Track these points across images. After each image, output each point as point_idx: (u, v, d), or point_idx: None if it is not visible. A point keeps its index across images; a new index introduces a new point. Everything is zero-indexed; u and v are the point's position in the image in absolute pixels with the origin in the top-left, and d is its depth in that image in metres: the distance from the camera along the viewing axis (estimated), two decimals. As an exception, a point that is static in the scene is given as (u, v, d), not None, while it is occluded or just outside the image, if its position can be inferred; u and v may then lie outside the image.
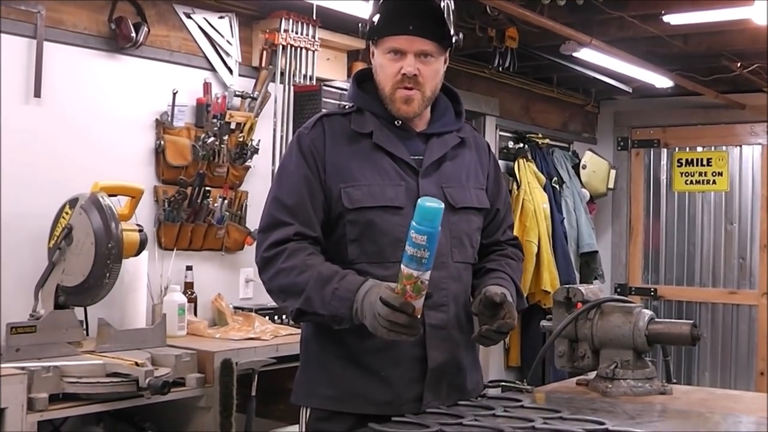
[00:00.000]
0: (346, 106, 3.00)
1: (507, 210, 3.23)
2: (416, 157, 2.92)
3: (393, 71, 2.85)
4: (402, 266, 2.48)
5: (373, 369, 2.83)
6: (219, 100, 5.05)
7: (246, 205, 5.23)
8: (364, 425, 2.61)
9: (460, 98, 3.04)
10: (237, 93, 5.20)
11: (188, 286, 4.91)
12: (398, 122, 2.92)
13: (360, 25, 2.99)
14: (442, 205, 2.45)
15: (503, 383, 3.30)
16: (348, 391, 2.86)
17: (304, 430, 2.94)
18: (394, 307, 2.51)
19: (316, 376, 2.92)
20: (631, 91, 8.05)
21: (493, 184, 3.14)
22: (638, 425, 2.59)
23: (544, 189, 7.69)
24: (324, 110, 3.13)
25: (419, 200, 2.46)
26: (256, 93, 5.27)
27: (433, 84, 2.92)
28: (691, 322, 3.16)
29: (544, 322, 3.40)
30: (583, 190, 8.25)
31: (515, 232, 7.04)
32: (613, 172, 8.60)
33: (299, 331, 3.10)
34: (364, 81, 3.03)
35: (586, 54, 6.34)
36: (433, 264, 2.47)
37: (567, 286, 3.36)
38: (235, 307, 5.06)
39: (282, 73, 5.40)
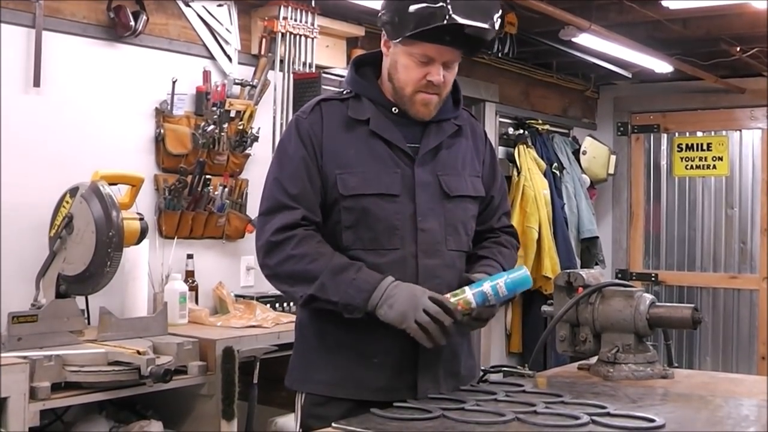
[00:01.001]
0: (344, 92, 2.99)
1: (502, 197, 3.23)
2: (413, 145, 2.92)
3: (418, 76, 2.85)
4: (468, 291, 2.71)
5: (367, 355, 2.85)
6: (218, 88, 5.04)
7: (246, 192, 5.23)
8: (360, 410, 2.62)
9: (459, 86, 3.04)
10: (236, 81, 5.19)
11: (189, 275, 4.91)
12: (395, 109, 2.92)
13: (382, 14, 2.92)
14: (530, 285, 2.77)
15: (505, 368, 3.29)
16: (342, 377, 2.87)
17: (300, 414, 2.95)
18: (446, 308, 2.64)
19: (311, 361, 2.93)
20: (630, 76, 8.04)
21: (489, 171, 3.15)
22: (640, 409, 2.60)
23: (545, 175, 7.68)
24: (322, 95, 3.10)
25: (524, 268, 2.77)
26: (256, 81, 5.26)
27: (450, 86, 2.94)
28: (693, 305, 3.16)
29: (545, 307, 3.40)
30: (584, 175, 8.25)
31: (516, 218, 7.18)
32: (613, 158, 8.60)
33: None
34: (361, 66, 3.02)
35: (585, 39, 6.33)
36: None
37: (568, 270, 3.36)
38: (237, 295, 5.06)
39: (281, 61, 5.39)
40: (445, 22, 2.71)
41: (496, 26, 2.84)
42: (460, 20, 2.73)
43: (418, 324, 2.65)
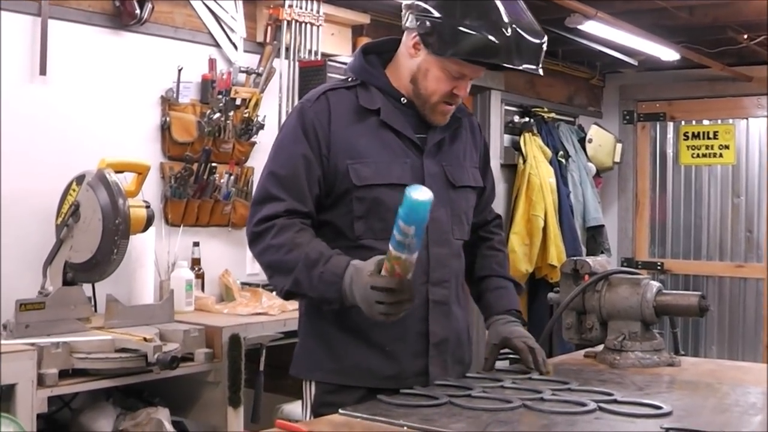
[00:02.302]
0: (349, 79, 2.99)
1: (492, 189, 3.28)
2: (420, 136, 2.92)
3: (448, 89, 2.85)
4: (390, 248, 2.46)
5: (378, 343, 2.84)
6: (224, 76, 5.05)
7: (252, 180, 5.23)
8: (372, 398, 2.62)
9: None
10: (242, 69, 5.19)
11: (195, 262, 4.92)
12: (404, 100, 2.91)
13: (421, 19, 2.79)
14: (430, 197, 2.41)
15: (511, 356, 3.29)
16: (352, 365, 2.86)
17: (310, 403, 2.95)
18: (393, 291, 2.52)
19: (318, 349, 2.92)
20: (636, 64, 8.01)
21: (483, 164, 3.19)
22: (647, 396, 2.60)
23: (550, 163, 7.67)
24: (327, 83, 3.09)
25: (406, 190, 2.41)
26: (261, 69, 5.26)
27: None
28: (699, 293, 3.16)
29: (551, 295, 3.41)
30: (589, 164, 8.24)
31: (521, 207, 7.20)
32: (619, 146, 8.58)
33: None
34: (369, 53, 3.02)
35: (591, 27, 6.31)
36: (420, 244, 2.48)
37: (575, 258, 3.36)
38: (243, 283, 5.07)
39: (287, 49, 5.39)
40: (508, 65, 2.76)
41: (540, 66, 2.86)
42: (518, 64, 2.77)
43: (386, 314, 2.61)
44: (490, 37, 2.71)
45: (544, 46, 2.85)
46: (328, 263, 2.68)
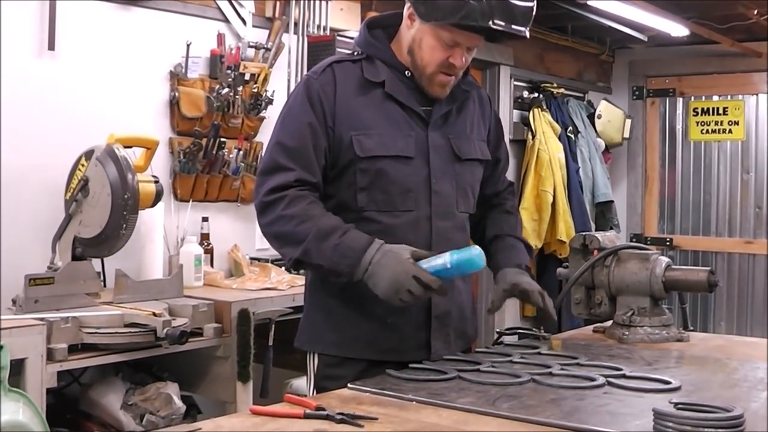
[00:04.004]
0: (355, 53, 2.99)
1: (506, 159, 3.29)
2: (425, 108, 2.93)
3: (442, 57, 2.84)
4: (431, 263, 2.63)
5: (379, 316, 2.85)
6: (233, 51, 5.04)
7: (261, 155, 5.22)
8: (374, 370, 2.64)
9: None
10: (251, 44, 5.19)
11: (204, 237, 4.92)
12: (408, 72, 2.91)
13: None
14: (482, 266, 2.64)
15: (520, 330, 3.30)
16: (353, 337, 2.88)
17: (313, 376, 2.96)
18: (430, 289, 2.62)
19: (321, 322, 2.95)
20: (646, 39, 7.98)
21: (494, 135, 3.20)
22: (656, 371, 2.61)
23: (559, 138, 7.67)
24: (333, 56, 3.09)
25: (472, 251, 2.63)
26: (270, 44, 5.26)
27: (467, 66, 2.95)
28: (709, 268, 3.16)
29: (560, 270, 3.41)
30: (599, 139, 8.23)
31: (530, 182, 7.21)
32: (628, 122, 8.57)
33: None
34: (374, 28, 3.02)
35: (600, 2, 6.30)
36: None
37: (584, 233, 3.36)
38: (252, 258, 5.07)
39: (295, 24, 5.39)
40: (490, 24, 2.72)
41: (527, 30, 2.84)
42: (502, 26, 2.74)
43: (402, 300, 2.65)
44: (472, 1, 2.70)
45: (533, 10, 2.84)
46: (345, 236, 2.70)
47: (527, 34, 2.82)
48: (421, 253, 2.66)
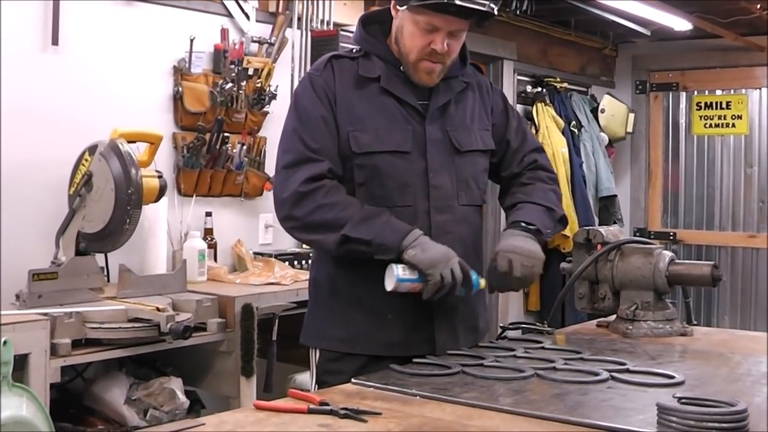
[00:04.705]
0: (354, 50, 3.00)
1: (523, 138, 3.21)
2: (422, 102, 2.93)
3: (422, 44, 2.85)
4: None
5: (381, 311, 2.87)
6: (236, 46, 5.03)
7: (265, 150, 5.23)
8: (375, 365, 2.65)
9: (465, 43, 3.02)
10: (254, 39, 5.18)
11: (208, 232, 4.93)
12: (404, 67, 2.92)
13: None
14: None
15: (523, 325, 3.30)
16: (356, 333, 2.90)
17: (314, 370, 2.97)
18: (468, 277, 2.75)
19: (325, 317, 2.96)
20: (649, 34, 7.97)
21: (501, 118, 3.17)
22: (659, 365, 2.61)
23: (563, 133, 7.66)
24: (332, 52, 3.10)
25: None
26: (274, 38, 5.25)
27: (455, 54, 2.93)
28: (712, 263, 3.16)
29: (564, 264, 3.41)
30: (602, 134, 8.23)
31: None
32: (631, 116, 8.56)
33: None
34: (369, 23, 3.03)
35: (604, -4, 6.30)
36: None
37: (587, 227, 3.36)
38: (255, 253, 5.07)
39: (299, 19, 5.38)
40: (459, 3, 2.73)
41: (496, 6, 2.83)
42: (460, 2, 2.74)
43: (442, 277, 2.67)
44: None
45: None
46: (392, 218, 2.78)
47: (493, 10, 2.82)
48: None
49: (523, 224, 2.97)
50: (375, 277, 2.78)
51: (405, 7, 2.83)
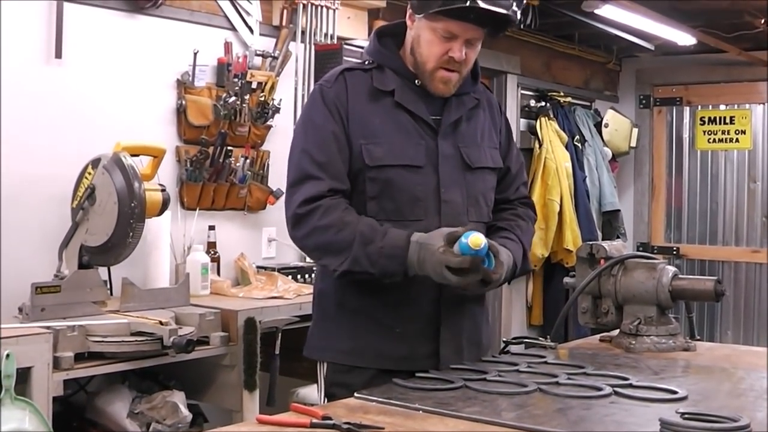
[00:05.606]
0: (366, 62, 3.00)
1: (519, 168, 3.24)
2: (435, 117, 2.93)
3: (440, 52, 2.85)
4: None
5: (387, 324, 2.86)
6: (240, 60, 5.04)
7: (268, 164, 5.23)
8: (384, 378, 2.64)
9: (477, 60, 3.03)
10: (258, 52, 5.19)
11: (211, 246, 4.92)
12: (418, 81, 2.93)
13: None
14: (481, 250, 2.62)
15: (526, 339, 3.29)
16: (363, 346, 2.89)
17: (323, 383, 2.97)
18: (467, 271, 2.63)
19: (331, 330, 2.95)
20: (653, 48, 7.99)
21: (505, 143, 3.17)
22: (662, 380, 2.60)
23: (566, 147, 7.67)
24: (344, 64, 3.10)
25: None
26: (277, 52, 5.26)
27: (470, 66, 2.94)
28: (715, 278, 3.16)
29: (567, 279, 3.41)
30: (605, 148, 8.23)
31: (537, 191, 7.18)
32: (635, 131, 8.57)
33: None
34: (384, 36, 3.03)
35: (607, 11, 6.30)
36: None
37: (591, 242, 3.36)
38: (258, 267, 5.07)
39: (303, 32, 5.38)
40: (468, 3, 2.72)
41: (519, 12, 2.84)
42: (483, 4, 2.73)
43: (445, 278, 2.66)
44: None
45: None
46: (386, 237, 2.73)
47: (516, 14, 2.83)
48: (454, 233, 2.66)
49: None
50: (383, 290, 2.79)
51: (422, 15, 2.83)
